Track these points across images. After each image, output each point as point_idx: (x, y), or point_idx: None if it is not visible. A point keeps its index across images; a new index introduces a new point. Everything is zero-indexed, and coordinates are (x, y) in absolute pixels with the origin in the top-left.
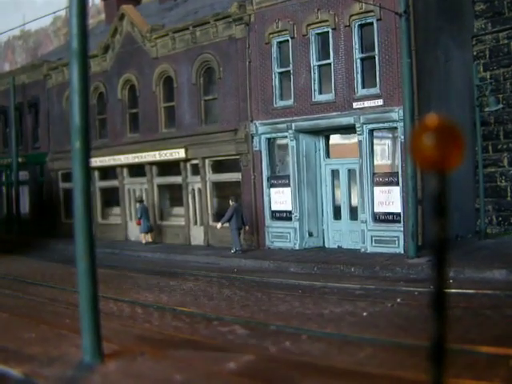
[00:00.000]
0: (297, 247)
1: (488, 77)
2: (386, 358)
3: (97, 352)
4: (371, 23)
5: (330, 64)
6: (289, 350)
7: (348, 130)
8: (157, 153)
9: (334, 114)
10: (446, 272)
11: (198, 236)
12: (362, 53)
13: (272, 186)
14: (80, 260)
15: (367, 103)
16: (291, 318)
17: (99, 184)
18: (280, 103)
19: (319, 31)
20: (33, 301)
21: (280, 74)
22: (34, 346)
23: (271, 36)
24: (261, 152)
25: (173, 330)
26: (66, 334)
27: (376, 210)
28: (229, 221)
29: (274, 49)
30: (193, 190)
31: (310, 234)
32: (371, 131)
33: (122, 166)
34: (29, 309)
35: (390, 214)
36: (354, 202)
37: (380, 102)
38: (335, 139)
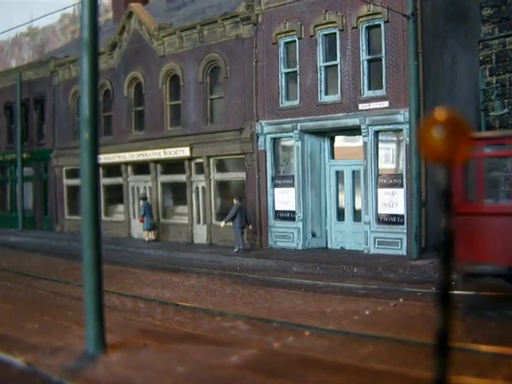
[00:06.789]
0: (299, 247)
1: (494, 81)
2: (388, 354)
3: (100, 343)
4: (379, 25)
5: (336, 65)
6: (291, 345)
7: (353, 131)
8: (161, 151)
9: (340, 115)
10: (452, 264)
11: (201, 234)
12: (369, 54)
13: (276, 185)
14: (86, 249)
15: (373, 105)
16: (294, 315)
17: (103, 181)
18: (286, 103)
19: (326, 32)
20: (36, 294)
21: (286, 74)
22: (37, 337)
23: (278, 36)
24: (266, 152)
25: (175, 324)
26: (69, 325)
27: (380, 212)
28: (232, 220)
29: (281, 49)
30: (197, 188)
31: (313, 235)
32: (376, 133)
33: (126, 164)
34: (32, 301)
35: (393, 215)
36: (358, 203)
37: (386, 103)
38: (340, 140)
